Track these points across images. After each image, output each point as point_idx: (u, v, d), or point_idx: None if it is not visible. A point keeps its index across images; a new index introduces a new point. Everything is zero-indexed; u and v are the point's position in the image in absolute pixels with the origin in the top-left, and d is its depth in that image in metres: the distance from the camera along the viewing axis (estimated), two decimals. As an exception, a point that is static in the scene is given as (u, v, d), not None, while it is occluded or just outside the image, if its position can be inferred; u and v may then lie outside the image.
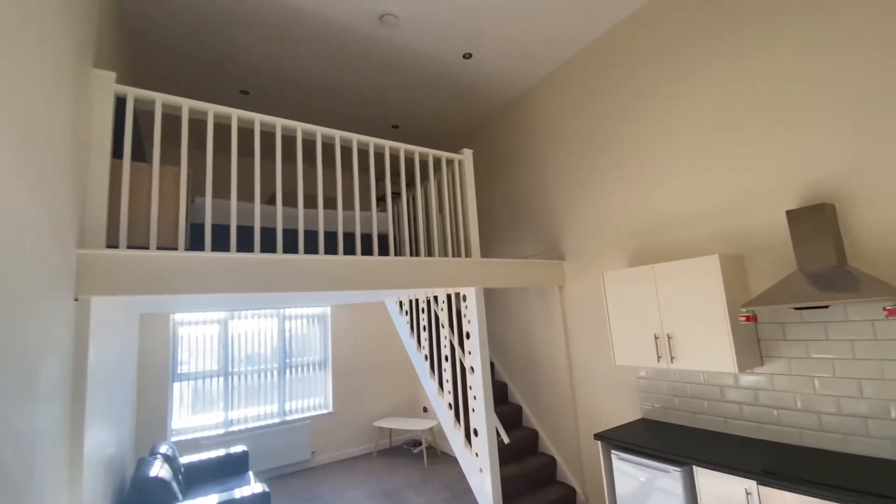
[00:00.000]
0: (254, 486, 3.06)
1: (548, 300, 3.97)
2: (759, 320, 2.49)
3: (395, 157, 5.60)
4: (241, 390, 5.01)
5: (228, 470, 3.94)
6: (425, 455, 5.04)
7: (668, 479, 2.37)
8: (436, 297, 4.06)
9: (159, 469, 3.03)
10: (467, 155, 3.61)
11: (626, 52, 3.34)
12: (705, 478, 2.24)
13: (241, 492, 3.00)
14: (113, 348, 2.94)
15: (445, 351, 3.74)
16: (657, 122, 3.10)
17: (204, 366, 4.87)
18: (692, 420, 2.82)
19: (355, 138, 3.06)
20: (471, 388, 3.36)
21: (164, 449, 3.51)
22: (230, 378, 4.96)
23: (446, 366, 3.74)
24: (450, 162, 3.68)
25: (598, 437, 2.79)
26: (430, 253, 4.22)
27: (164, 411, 4.51)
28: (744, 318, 2.25)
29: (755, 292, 2.54)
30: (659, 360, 2.70)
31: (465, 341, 3.44)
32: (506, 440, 3.20)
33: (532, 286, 3.63)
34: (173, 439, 4.50)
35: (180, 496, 2.94)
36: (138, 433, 4.34)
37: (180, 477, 3.48)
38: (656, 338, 2.72)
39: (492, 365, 4.57)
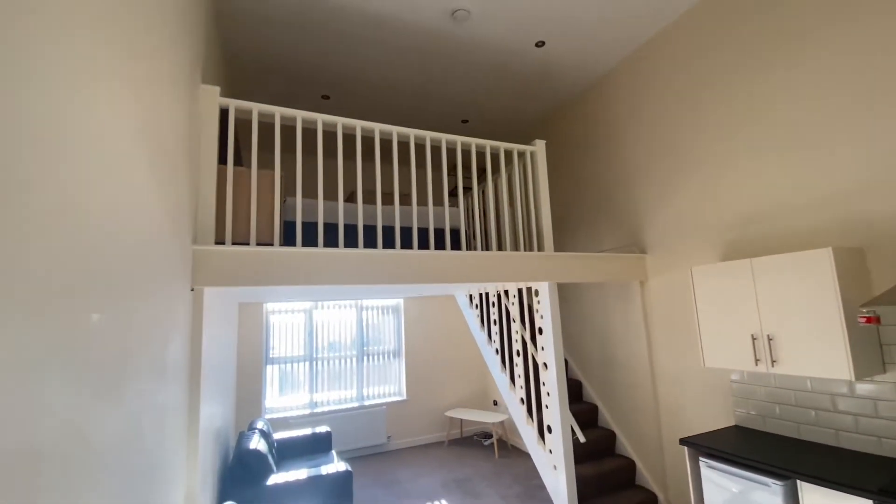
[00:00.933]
0: (338, 465, 3.29)
1: (627, 297, 3.78)
2: (882, 322, 2.18)
3: (465, 153, 5.65)
4: (324, 375, 5.39)
5: (314, 448, 4.28)
6: (496, 448, 5.07)
7: (767, 494, 2.17)
8: (506, 291, 4.05)
9: (257, 443, 3.37)
10: (540, 146, 3.54)
11: (724, 16, 3.04)
12: (812, 495, 2.01)
13: (327, 469, 3.24)
14: (217, 334, 3.31)
15: (517, 346, 3.72)
16: (758, 96, 2.80)
17: (291, 351, 5.30)
18: (796, 431, 2.54)
19: (428, 136, 3.13)
20: (544, 384, 3.31)
21: (260, 425, 3.89)
22: (314, 363, 5.36)
23: (518, 361, 3.72)
24: (521, 154, 3.63)
25: (684, 442, 2.62)
26: (500, 247, 4.21)
27: (259, 391, 4.98)
28: (864, 320, 1.98)
29: (878, 291, 2.21)
30: (757, 364, 2.46)
31: (538, 337, 3.39)
32: (581, 439, 3.12)
33: (610, 282, 3.47)
34: (266, 417, 4.97)
35: (275, 468, 3.24)
36: (238, 410, 4.85)
37: (273, 451, 3.84)
38: (754, 339, 2.48)
39: (565, 362, 4.47)
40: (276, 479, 3.09)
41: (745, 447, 2.43)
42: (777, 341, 2.37)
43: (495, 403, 5.85)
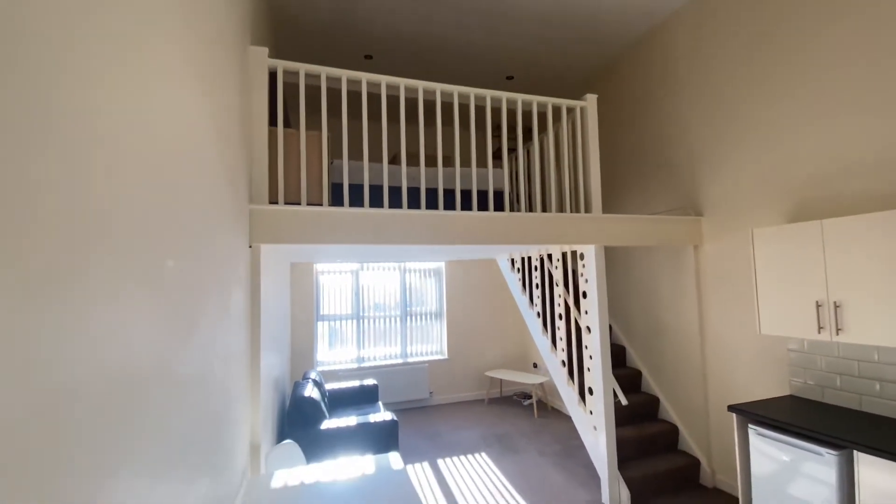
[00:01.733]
0: (384, 414, 3.50)
1: (679, 261, 3.62)
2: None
3: (511, 112, 5.47)
4: (370, 332, 5.65)
5: (362, 399, 4.55)
6: (535, 408, 5.18)
7: (820, 464, 2.10)
8: (549, 255, 4.00)
9: (311, 391, 3.63)
10: (591, 101, 3.36)
11: (802, -43, 2.69)
12: (869, 468, 1.93)
13: (374, 417, 3.45)
14: (273, 290, 3.52)
15: (559, 310, 3.70)
16: (828, 49, 2.49)
17: (340, 310, 5.58)
18: (857, 403, 2.41)
19: (472, 92, 3.05)
20: (586, 347, 3.30)
21: (313, 376, 4.17)
22: (361, 321, 5.61)
23: (560, 324, 3.71)
24: (570, 110, 3.47)
25: (732, 409, 2.56)
26: (545, 209, 4.12)
27: (311, 346, 5.32)
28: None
29: (973, 256, 1.99)
30: (820, 332, 2.32)
31: (582, 301, 3.35)
32: (623, 401, 3.12)
33: (661, 245, 3.34)
34: (318, 369, 5.31)
35: (327, 415, 3.50)
36: (293, 363, 5.22)
37: (325, 400, 4.13)
38: (818, 306, 2.33)
39: (609, 327, 4.41)
40: (328, 424, 3.34)
41: (800, 416, 2.34)
42: (844, 309, 2.22)
43: (535, 366, 5.92)
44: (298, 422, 3.33)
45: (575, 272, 4.58)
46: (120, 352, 0.82)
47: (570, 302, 3.58)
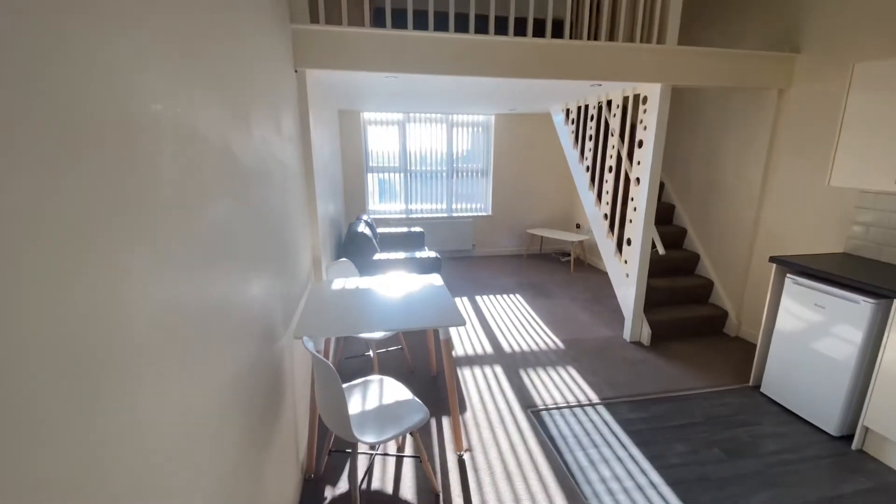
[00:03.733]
0: (429, 253, 3.80)
1: (756, 109, 3.23)
2: None
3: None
4: (417, 186, 5.80)
5: (409, 243, 4.91)
6: (572, 264, 5.39)
7: (853, 312, 2.11)
8: (609, 102, 3.69)
9: (364, 228, 3.94)
10: None
11: None
12: (908, 316, 1.92)
13: (420, 254, 3.76)
14: (322, 129, 3.59)
15: (610, 162, 3.56)
16: None
17: (388, 162, 5.68)
18: (920, 261, 2.30)
19: None
20: (632, 199, 3.25)
21: (365, 217, 4.48)
22: (408, 175, 5.73)
23: (608, 178, 3.61)
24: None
25: (774, 259, 2.53)
26: (612, 38, 3.65)
27: (362, 194, 5.59)
28: None
29: None
30: (900, 183, 2.12)
31: (636, 151, 3.18)
32: (661, 251, 3.16)
33: (743, 86, 2.94)
34: (371, 217, 5.67)
35: (378, 249, 3.84)
36: (346, 208, 5.58)
37: (376, 239, 4.49)
38: (909, 153, 2.08)
39: (661, 186, 4.24)
40: (379, 256, 3.69)
41: (846, 270, 2.29)
42: (941, 156, 1.96)
43: (578, 226, 5.97)
44: (353, 253, 3.71)
45: (634, 125, 4.25)
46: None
47: (624, 153, 3.41)
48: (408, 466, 1.99)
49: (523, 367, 2.91)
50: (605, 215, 3.68)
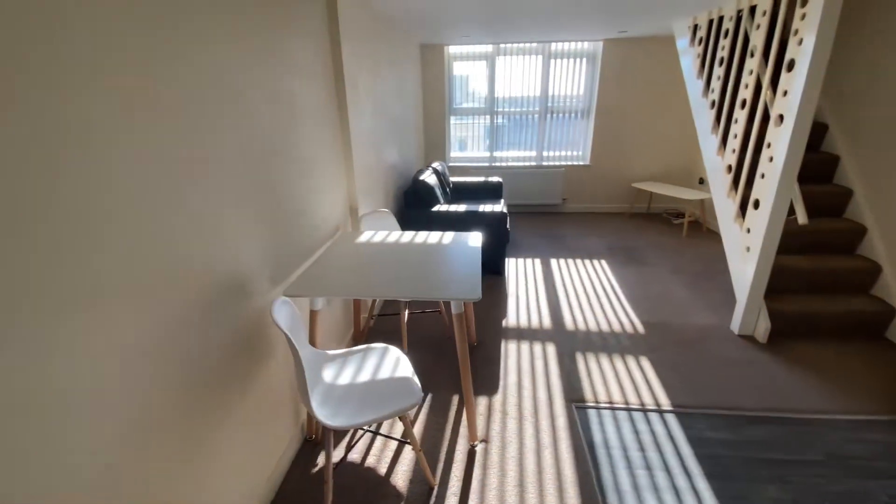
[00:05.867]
0: (495, 206, 3.37)
1: None
2: None
3: None
4: (504, 131, 5.23)
5: (485, 195, 4.50)
6: (685, 227, 4.43)
7: None
8: (752, 9, 2.67)
9: (429, 177, 3.64)
10: None
11: None
12: None
13: (484, 207, 3.36)
14: (390, 80, 3.28)
15: (745, 94, 2.63)
16: None
17: (473, 103, 5.17)
18: None
19: None
20: (769, 145, 2.37)
21: (437, 165, 4.17)
22: (495, 117, 5.18)
23: (739, 116, 2.69)
24: None
25: None
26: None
27: (443, 139, 5.24)
28: None
29: None
30: None
31: (783, 77, 2.26)
32: (801, 219, 2.27)
33: None
34: (449, 164, 5.34)
35: (441, 200, 3.53)
36: (426, 154, 5.31)
37: (447, 189, 4.17)
38: None
39: (822, 129, 3.08)
40: (439, 207, 3.39)
41: None
42: None
43: (701, 182, 4.86)
44: (414, 203, 3.47)
45: (785, 41, 3.04)
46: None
47: (766, 79, 2.46)
48: (410, 449, 1.78)
49: (582, 350, 2.44)
50: (729, 167, 2.81)
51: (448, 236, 2.16)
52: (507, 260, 3.81)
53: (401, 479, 1.64)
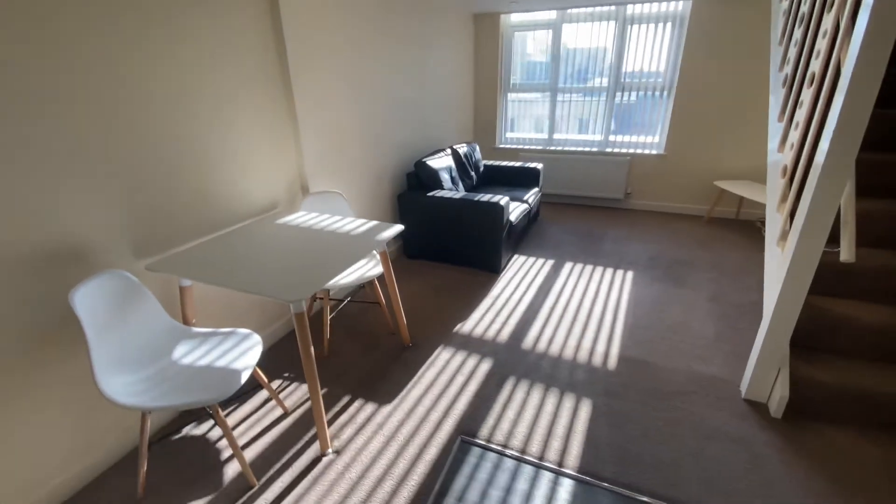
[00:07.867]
0: (497, 197, 3.01)
1: None
2: None
3: None
4: (567, 110, 4.62)
5: (520, 181, 4.07)
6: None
7: None
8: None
9: (440, 159, 3.42)
10: None
11: None
12: None
13: (480, 197, 3.02)
14: (401, 58, 3.09)
15: (815, 65, 1.84)
16: None
17: (533, 78, 4.66)
18: None
19: None
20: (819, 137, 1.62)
21: (462, 147, 3.86)
22: (557, 94, 4.59)
23: (805, 97, 1.90)
24: None
25: None
26: None
27: (493, 118, 4.86)
28: None
29: None
30: None
31: (841, 34, 1.50)
32: (844, 254, 1.51)
33: None
34: (501, 146, 4.94)
35: (444, 185, 3.28)
36: (475, 134, 4.99)
37: (473, 173, 3.87)
38: None
39: None
40: (435, 192, 3.16)
41: None
42: None
43: (817, 185, 3.66)
44: (415, 185, 3.31)
45: None
46: None
47: (839, 41, 1.67)
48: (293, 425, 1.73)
49: (519, 375, 2.06)
50: (785, 168, 2.04)
51: (370, 224, 1.99)
52: (514, 257, 3.42)
53: (231, 471, 1.60)
